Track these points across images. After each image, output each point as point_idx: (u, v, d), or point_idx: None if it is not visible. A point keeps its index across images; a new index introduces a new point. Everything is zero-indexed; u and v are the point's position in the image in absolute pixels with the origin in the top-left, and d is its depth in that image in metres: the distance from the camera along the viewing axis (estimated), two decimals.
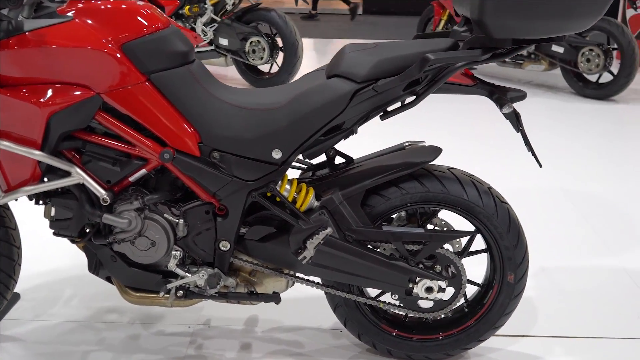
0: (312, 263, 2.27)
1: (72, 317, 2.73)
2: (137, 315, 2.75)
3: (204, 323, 2.70)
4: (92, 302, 2.84)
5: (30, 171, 2.17)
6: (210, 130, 2.18)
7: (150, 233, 2.25)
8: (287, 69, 6.23)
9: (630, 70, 6.00)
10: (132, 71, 2.12)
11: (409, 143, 2.43)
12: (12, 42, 2.06)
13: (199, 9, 6.29)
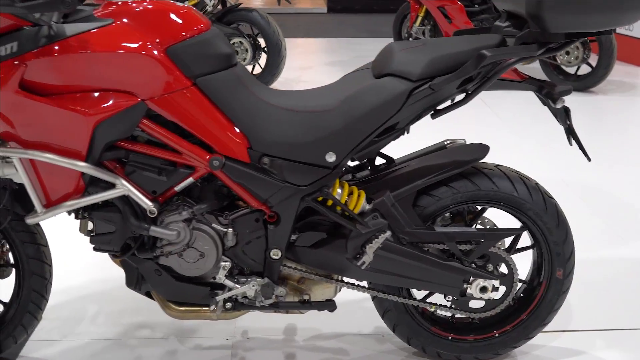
0: (369, 268, 2.21)
1: (102, 335, 2.62)
2: (170, 330, 2.65)
3: (241, 334, 2.62)
4: (120, 318, 2.73)
5: (73, 184, 2.07)
6: (260, 134, 2.10)
7: (198, 244, 2.16)
8: (271, 69, 6.15)
9: (608, 61, 6.09)
10: (178, 76, 2.03)
11: (449, 141, 2.39)
12: (54, 49, 1.95)
13: None
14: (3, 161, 2.12)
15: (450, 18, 6.58)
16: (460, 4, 6.49)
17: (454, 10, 6.54)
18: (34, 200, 2.08)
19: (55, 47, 1.95)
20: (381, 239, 2.15)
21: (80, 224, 2.24)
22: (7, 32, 1.95)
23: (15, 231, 2.29)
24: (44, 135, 2.00)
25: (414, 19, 7.02)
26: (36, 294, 2.36)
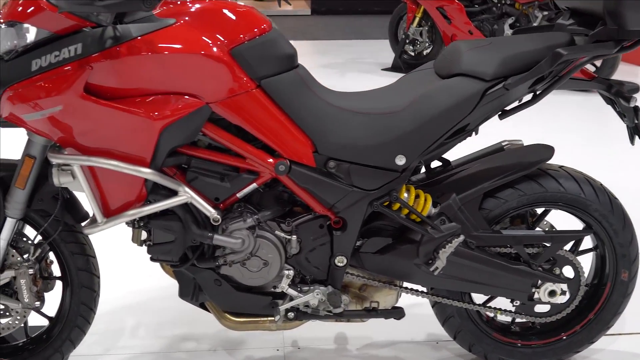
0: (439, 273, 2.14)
1: (146, 349, 2.51)
2: (216, 342, 2.55)
3: (292, 345, 2.53)
4: (162, 330, 2.62)
5: (136, 192, 1.97)
6: (326, 138, 2.02)
7: (262, 252, 2.07)
8: None
9: (613, 61, 6.09)
10: (243, 78, 1.94)
11: (507, 142, 2.33)
12: (121, 50, 1.85)
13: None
14: (59, 169, 2.01)
15: (450, 18, 6.55)
16: (460, 4, 6.46)
17: (453, 10, 6.51)
18: (94, 210, 1.97)
19: (121, 48, 1.85)
20: (455, 244, 2.08)
21: (133, 233, 2.13)
22: (69, 34, 1.85)
23: (65, 242, 2.17)
24: (107, 141, 1.90)
25: (411, 20, 6.97)
26: (85, 308, 2.25)
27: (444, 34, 6.71)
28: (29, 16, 1.83)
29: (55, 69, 1.84)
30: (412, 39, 7.02)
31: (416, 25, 6.97)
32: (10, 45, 1.87)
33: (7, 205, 2.05)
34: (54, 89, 1.84)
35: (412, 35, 6.99)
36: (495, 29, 6.44)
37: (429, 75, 2.16)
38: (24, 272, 2.14)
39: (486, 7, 6.54)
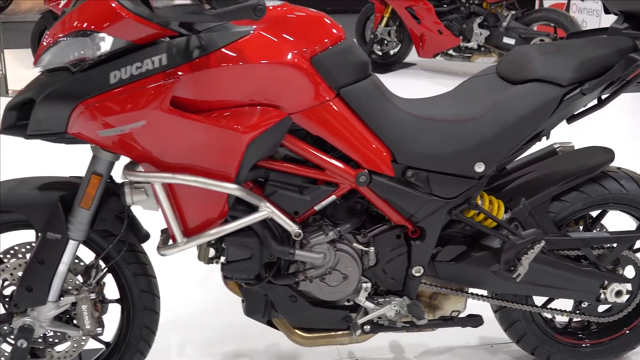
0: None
1: None
2: (269, 356, 2.48)
3: (348, 356, 2.48)
4: (210, 347, 2.53)
5: (218, 209, 1.88)
6: (403, 146, 1.98)
7: (342, 266, 2.02)
8: None
9: None
10: (323, 87, 1.88)
11: (558, 145, 2.33)
12: (208, 61, 1.76)
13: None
14: (132, 187, 1.91)
15: (419, 18, 6.58)
16: (429, 4, 6.50)
17: (422, 10, 6.55)
18: (174, 230, 1.87)
19: (208, 59, 1.76)
20: (537, 249, 2.07)
21: (200, 251, 2.05)
22: (147, 43, 1.75)
23: (127, 263, 2.07)
24: (191, 157, 1.81)
25: (379, 20, 6.98)
26: (147, 331, 2.14)
27: (412, 34, 6.74)
28: (107, 25, 1.72)
29: (137, 81, 1.73)
30: (380, 38, 7.02)
31: (384, 25, 6.98)
32: (78, 56, 1.75)
33: (70, 227, 1.93)
34: (137, 102, 1.73)
35: (380, 35, 7.00)
36: (464, 28, 6.51)
37: (495, 81, 2.15)
38: (85, 297, 2.02)
39: (454, 7, 6.60)
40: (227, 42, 1.78)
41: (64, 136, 1.81)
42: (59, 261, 1.95)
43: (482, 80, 2.19)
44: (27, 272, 1.95)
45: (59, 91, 1.75)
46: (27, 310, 1.99)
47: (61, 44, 1.75)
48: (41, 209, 1.94)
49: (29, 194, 1.96)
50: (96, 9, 1.73)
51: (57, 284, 1.97)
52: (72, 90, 1.74)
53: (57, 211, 1.91)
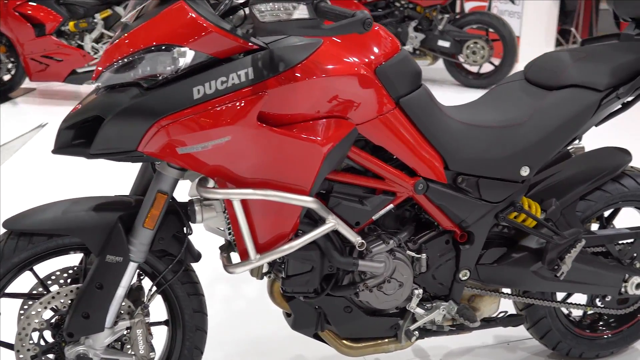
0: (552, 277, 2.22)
1: None
2: None
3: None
4: None
5: (291, 224, 1.87)
6: (455, 153, 2.04)
7: (398, 274, 2.05)
8: None
9: (512, 59, 6.53)
10: (386, 97, 1.91)
11: (572, 148, 2.45)
12: (289, 75, 1.76)
13: (88, 25, 5.70)
14: (202, 204, 1.87)
15: None
16: (366, 9, 6.59)
17: None
18: (248, 246, 1.85)
19: (292, 72, 1.75)
20: (579, 248, 2.18)
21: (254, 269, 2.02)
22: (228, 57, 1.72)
23: (181, 284, 2.02)
24: (270, 172, 1.79)
25: None
26: (197, 351, 2.10)
27: None
28: (191, 39, 1.69)
29: (223, 96, 1.70)
30: None
31: None
32: (151, 71, 1.71)
33: (131, 249, 1.87)
34: (223, 118, 1.70)
35: None
36: (399, 32, 6.66)
37: (527, 87, 2.23)
38: (140, 321, 1.96)
39: (389, 11, 6.74)
40: (305, 56, 1.78)
41: (131, 154, 1.75)
42: (118, 285, 1.88)
43: (514, 87, 2.27)
44: (84, 298, 1.87)
45: (136, 108, 1.69)
46: (81, 338, 1.91)
47: (138, 60, 1.69)
48: (98, 232, 1.87)
49: (84, 216, 1.88)
50: (178, 23, 1.69)
51: (114, 309, 1.91)
52: (152, 106, 1.69)
53: (118, 233, 1.85)
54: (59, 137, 1.80)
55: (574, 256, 2.19)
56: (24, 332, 1.91)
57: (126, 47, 1.75)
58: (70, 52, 5.81)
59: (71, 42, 5.81)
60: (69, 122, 1.79)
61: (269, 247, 1.87)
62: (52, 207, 1.93)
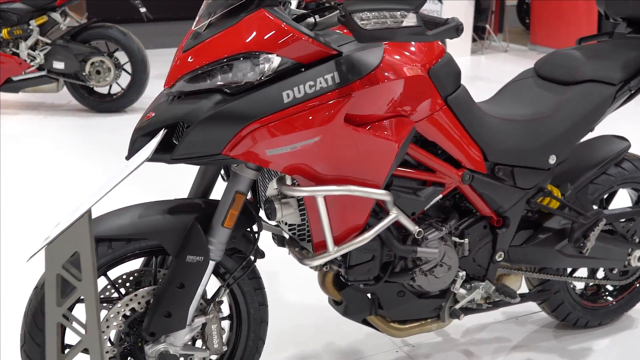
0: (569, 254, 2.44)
1: None
2: (332, 356, 2.60)
3: (404, 344, 2.67)
4: (271, 356, 2.58)
5: (364, 217, 2.00)
6: (492, 145, 2.22)
7: (447, 259, 2.21)
8: (138, 88, 5.82)
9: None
10: (437, 96, 2.07)
11: None
12: (370, 78, 1.89)
13: (23, 32, 5.54)
14: (280, 202, 1.96)
15: None
16: None
17: None
18: (327, 239, 1.96)
19: (372, 76, 1.88)
20: (601, 226, 2.41)
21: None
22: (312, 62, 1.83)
23: (249, 279, 2.11)
24: (349, 168, 1.91)
25: None
26: (261, 342, 2.19)
27: None
28: (279, 45, 1.78)
29: (312, 99, 1.81)
30: None
31: None
32: (235, 78, 1.79)
33: (211, 248, 1.94)
34: (313, 119, 1.81)
35: None
36: None
37: (542, 83, 2.44)
38: (215, 317, 2.04)
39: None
40: (379, 60, 1.91)
41: (214, 158, 1.82)
42: (199, 284, 1.95)
43: (529, 83, 2.48)
44: (165, 298, 1.93)
45: (225, 113, 1.77)
46: (162, 337, 1.97)
47: (226, 67, 1.77)
48: (176, 234, 1.93)
49: (160, 219, 1.94)
50: (262, 30, 1.78)
51: (194, 307, 1.97)
52: (243, 111, 1.77)
53: (197, 233, 1.91)
54: (135, 144, 1.86)
55: (597, 234, 2.42)
56: (103, 335, 1.94)
57: (206, 56, 1.82)
58: (5, 60, 5.63)
59: (5, 50, 5.64)
60: (145, 129, 1.85)
61: (344, 240, 1.99)
62: (126, 212, 1.97)
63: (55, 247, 1.54)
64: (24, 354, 1.93)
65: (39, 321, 1.89)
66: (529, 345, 2.68)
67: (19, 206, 3.94)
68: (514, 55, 8.66)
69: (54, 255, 1.55)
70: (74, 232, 1.53)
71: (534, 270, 2.51)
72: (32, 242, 3.25)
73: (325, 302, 2.32)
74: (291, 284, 3.05)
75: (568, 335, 2.75)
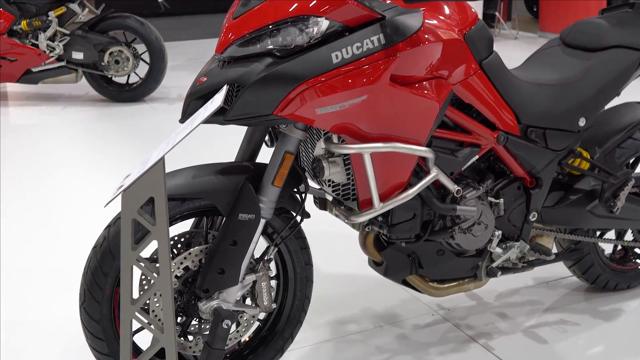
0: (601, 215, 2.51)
1: (317, 340, 2.56)
2: (370, 320, 2.68)
3: (439, 308, 2.75)
4: (312, 322, 2.65)
5: (407, 174, 2.08)
6: (525, 108, 2.29)
7: (484, 217, 2.29)
8: (155, 76, 5.90)
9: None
10: (472, 60, 2.14)
11: None
12: (412, 40, 1.97)
13: (42, 23, 5.62)
14: (328, 161, 2.03)
15: None
16: None
17: None
18: (373, 196, 2.03)
19: (417, 38, 1.96)
20: (630, 186, 2.48)
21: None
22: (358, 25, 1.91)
23: (295, 238, 2.19)
24: (394, 126, 1.99)
25: None
26: (307, 301, 2.27)
27: None
28: (327, 9, 1.87)
29: (360, 59, 1.89)
30: None
31: None
32: (284, 41, 1.87)
33: (262, 207, 2.02)
34: (361, 79, 1.89)
35: None
36: None
37: (568, 50, 2.52)
38: (264, 274, 2.11)
39: None
40: (421, 23, 1.98)
41: (265, 118, 1.90)
42: (250, 241, 2.02)
43: (556, 51, 2.55)
44: (218, 255, 2.00)
45: (277, 74, 1.85)
46: (215, 294, 2.04)
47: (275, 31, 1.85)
48: (228, 194, 2.00)
49: (213, 180, 2.02)
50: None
51: (245, 264, 2.05)
52: (294, 72, 1.85)
53: (249, 192, 1.99)
54: (189, 108, 1.94)
55: (627, 193, 2.49)
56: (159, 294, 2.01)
57: (256, 21, 1.90)
58: (25, 51, 5.70)
59: (25, 42, 5.72)
60: (199, 92, 1.93)
61: (388, 197, 2.07)
62: (179, 173, 2.05)
63: (131, 193, 1.63)
64: (83, 312, 2.01)
65: (99, 279, 1.97)
66: (561, 307, 2.75)
67: (40, 196, 3.98)
68: (524, 43, 8.72)
69: (130, 201, 1.63)
70: (149, 178, 1.61)
71: (565, 232, 2.58)
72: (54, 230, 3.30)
73: (361, 271, 2.39)
74: (325, 255, 3.12)
75: (598, 297, 2.82)
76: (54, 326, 2.66)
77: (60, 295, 2.86)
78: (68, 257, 3.19)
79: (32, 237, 3.45)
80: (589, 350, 2.49)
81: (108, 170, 4.38)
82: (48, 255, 3.25)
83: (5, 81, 5.91)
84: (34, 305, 2.82)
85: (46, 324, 2.68)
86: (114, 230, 1.98)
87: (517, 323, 2.65)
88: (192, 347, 2.13)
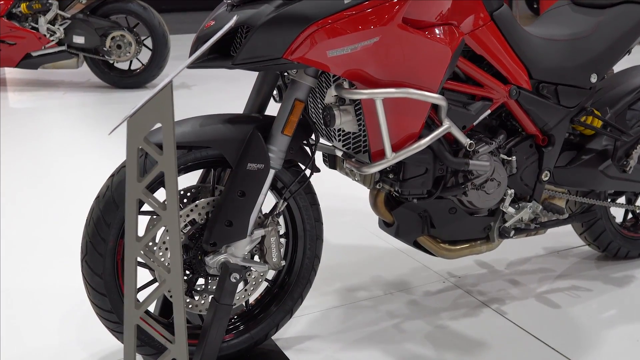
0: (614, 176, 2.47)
1: (326, 306, 2.51)
2: (382, 287, 2.63)
3: (450, 275, 2.70)
4: (322, 288, 2.60)
5: (420, 124, 2.03)
6: (537, 63, 2.25)
7: (497, 174, 2.24)
8: (158, 62, 5.85)
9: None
10: (483, 10, 2.10)
11: None
12: None
13: (42, 6, 5.57)
14: (338, 109, 1.99)
15: None
16: None
17: None
18: (385, 145, 1.98)
19: None
20: None
21: (364, 177, 2.17)
22: None
23: (305, 194, 2.14)
24: (407, 72, 1.94)
25: None
26: (317, 260, 2.22)
27: None
28: None
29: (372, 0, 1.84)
30: None
31: None
32: None
33: (271, 156, 1.96)
34: (374, 20, 1.84)
35: None
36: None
37: (577, 8, 2.48)
38: (273, 229, 2.06)
39: None
40: None
41: (275, 62, 1.85)
42: (259, 192, 1.97)
43: (566, 10, 2.51)
44: (226, 207, 1.95)
45: (287, 15, 1.80)
46: (223, 247, 1.99)
47: None
48: (236, 143, 1.95)
49: (222, 128, 1.96)
50: None
51: (254, 217, 1.99)
52: (304, 12, 1.80)
53: (258, 141, 1.94)
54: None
55: (639, 152, 2.45)
56: (164, 247, 1.96)
57: None
58: (24, 34, 5.63)
59: (24, 25, 5.65)
60: (207, 36, 1.88)
61: (400, 147, 2.02)
62: (187, 122, 2.00)
63: (138, 119, 1.56)
64: (85, 265, 1.95)
65: (102, 230, 1.92)
66: (573, 274, 2.71)
67: (40, 182, 3.88)
68: None
69: (136, 128, 1.57)
70: (156, 104, 1.55)
71: (577, 194, 2.53)
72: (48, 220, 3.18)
73: (370, 240, 2.33)
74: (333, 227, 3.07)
75: (610, 265, 2.77)
76: (53, 295, 2.60)
77: (60, 265, 2.81)
78: (66, 227, 3.14)
79: (24, 223, 3.40)
80: (603, 314, 2.44)
81: (109, 156, 4.30)
82: (46, 227, 3.20)
83: (4, 66, 5.85)
84: (32, 274, 2.77)
85: (45, 293, 2.62)
86: (117, 179, 1.93)
87: (529, 289, 2.60)
88: (198, 305, 2.08)
